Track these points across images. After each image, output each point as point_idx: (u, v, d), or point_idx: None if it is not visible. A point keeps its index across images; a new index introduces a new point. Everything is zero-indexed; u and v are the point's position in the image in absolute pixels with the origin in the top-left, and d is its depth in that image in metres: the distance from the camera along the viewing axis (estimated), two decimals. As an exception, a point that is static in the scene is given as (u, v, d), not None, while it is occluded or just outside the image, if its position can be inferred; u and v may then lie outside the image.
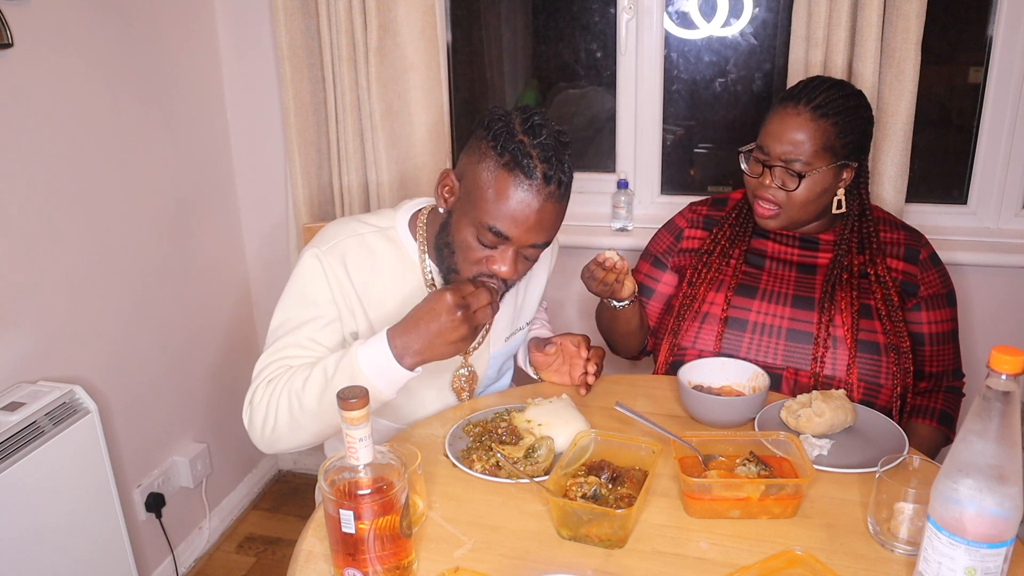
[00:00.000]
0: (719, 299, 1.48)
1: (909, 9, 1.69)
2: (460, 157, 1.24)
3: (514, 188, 1.14)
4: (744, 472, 1.07)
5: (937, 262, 1.51)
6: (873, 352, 1.41)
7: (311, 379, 1.16)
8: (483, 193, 1.15)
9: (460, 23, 2.23)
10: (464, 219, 1.19)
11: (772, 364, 1.42)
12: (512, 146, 1.13)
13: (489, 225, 1.16)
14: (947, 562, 0.83)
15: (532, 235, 1.17)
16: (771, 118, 1.44)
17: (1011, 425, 0.79)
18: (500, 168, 1.14)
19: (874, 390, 1.41)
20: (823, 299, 1.43)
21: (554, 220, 1.19)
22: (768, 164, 1.43)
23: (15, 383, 1.62)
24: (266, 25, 2.15)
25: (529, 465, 1.13)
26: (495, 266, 1.20)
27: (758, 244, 1.53)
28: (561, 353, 1.41)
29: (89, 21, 1.76)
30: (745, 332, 1.44)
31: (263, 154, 2.29)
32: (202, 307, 2.23)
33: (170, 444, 2.15)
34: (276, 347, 1.24)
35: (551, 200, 1.16)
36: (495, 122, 1.17)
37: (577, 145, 2.30)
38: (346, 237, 1.29)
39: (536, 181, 1.13)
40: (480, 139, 1.18)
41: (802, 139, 1.38)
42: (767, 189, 1.44)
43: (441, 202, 1.24)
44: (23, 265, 1.64)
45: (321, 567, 0.98)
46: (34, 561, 1.52)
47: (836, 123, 1.39)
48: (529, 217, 1.15)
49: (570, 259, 2.16)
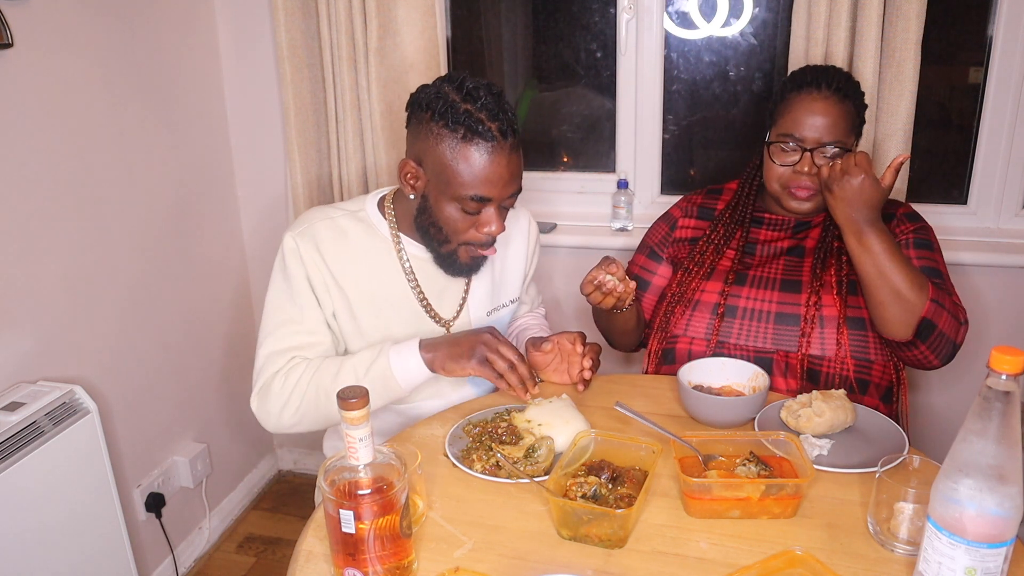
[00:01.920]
0: (712, 287, 1.49)
1: (909, 9, 1.69)
2: (409, 143, 1.31)
3: (480, 154, 1.22)
4: (744, 472, 1.07)
5: (915, 218, 1.51)
6: (860, 328, 1.42)
7: (341, 376, 1.28)
8: (453, 169, 1.24)
9: (460, 23, 2.23)
10: (442, 198, 1.27)
11: (763, 348, 1.44)
12: (461, 118, 1.21)
13: (470, 195, 1.25)
14: (947, 562, 0.83)
15: (508, 188, 1.28)
16: (794, 105, 1.45)
17: (1011, 425, 0.79)
18: (460, 142, 1.22)
19: (866, 367, 1.42)
20: (812, 280, 1.45)
21: (519, 166, 1.29)
22: (806, 148, 1.44)
23: (15, 383, 1.62)
24: (266, 25, 2.15)
25: (529, 465, 1.13)
26: (485, 228, 1.29)
27: (754, 232, 1.55)
28: (559, 352, 1.42)
29: (89, 21, 1.76)
30: (735, 318, 1.46)
31: (263, 154, 2.29)
32: (202, 307, 2.23)
33: (170, 444, 2.15)
34: (279, 336, 1.33)
35: (513, 151, 1.26)
36: (433, 102, 1.24)
37: (566, 145, 2.30)
38: (318, 220, 1.37)
39: (495, 140, 1.22)
40: (425, 122, 1.25)
41: (835, 120, 1.43)
42: (804, 176, 1.45)
43: (408, 189, 1.32)
44: (23, 265, 1.64)
45: (321, 567, 0.98)
46: (34, 561, 1.52)
47: (855, 103, 1.46)
48: (502, 175, 1.25)
49: (570, 259, 2.16)
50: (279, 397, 1.30)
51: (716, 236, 1.55)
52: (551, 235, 2.11)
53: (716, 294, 1.48)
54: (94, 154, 1.80)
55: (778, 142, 1.47)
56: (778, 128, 1.48)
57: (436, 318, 1.43)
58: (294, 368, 1.31)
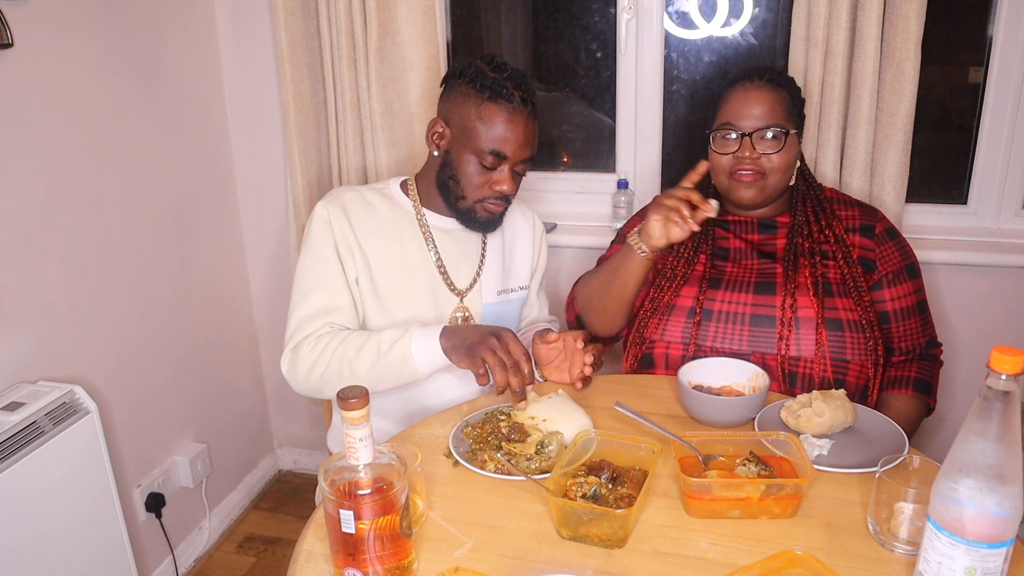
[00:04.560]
0: (687, 292, 1.50)
1: (909, 9, 1.69)
2: (440, 106, 1.47)
3: (501, 113, 1.37)
4: (744, 472, 1.07)
5: (895, 235, 1.52)
6: (836, 329, 1.42)
7: (364, 350, 1.35)
8: (476, 125, 1.39)
9: (460, 23, 2.23)
10: (464, 151, 1.41)
11: (738, 350, 1.44)
12: (489, 82, 1.37)
13: (489, 149, 1.39)
14: (947, 562, 0.83)
15: (523, 150, 1.41)
16: (731, 98, 1.50)
17: (1011, 425, 0.79)
18: (485, 102, 1.38)
19: (842, 367, 1.43)
20: (786, 281, 1.45)
21: (534, 135, 1.44)
22: (744, 134, 1.47)
23: (15, 383, 1.62)
24: (266, 25, 2.15)
25: (543, 461, 1.14)
26: (498, 186, 1.42)
27: (721, 236, 1.56)
28: (563, 348, 1.43)
29: (89, 21, 1.76)
30: (711, 322, 1.47)
31: (263, 154, 2.29)
32: (202, 306, 2.23)
33: (170, 444, 2.15)
34: (311, 300, 1.42)
35: (531, 118, 1.41)
36: (467, 69, 1.41)
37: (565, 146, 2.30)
38: (346, 192, 1.51)
39: (516, 104, 1.38)
40: (456, 87, 1.42)
41: (771, 106, 1.47)
42: (745, 160, 1.47)
43: (433, 147, 1.47)
44: (23, 265, 1.64)
45: (321, 567, 0.98)
46: (34, 561, 1.52)
47: (789, 92, 1.51)
48: (519, 135, 1.39)
49: (571, 259, 2.16)
50: (306, 361, 1.39)
51: (685, 249, 1.55)
52: (551, 235, 2.11)
53: (691, 299, 1.49)
54: (94, 154, 1.80)
55: (718, 130, 1.50)
56: (717, 120, 1.51)
57: (451, 286, 1.52)
58: (323, 336, 1.39)
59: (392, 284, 1.47)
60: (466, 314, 1.53)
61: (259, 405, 2.56)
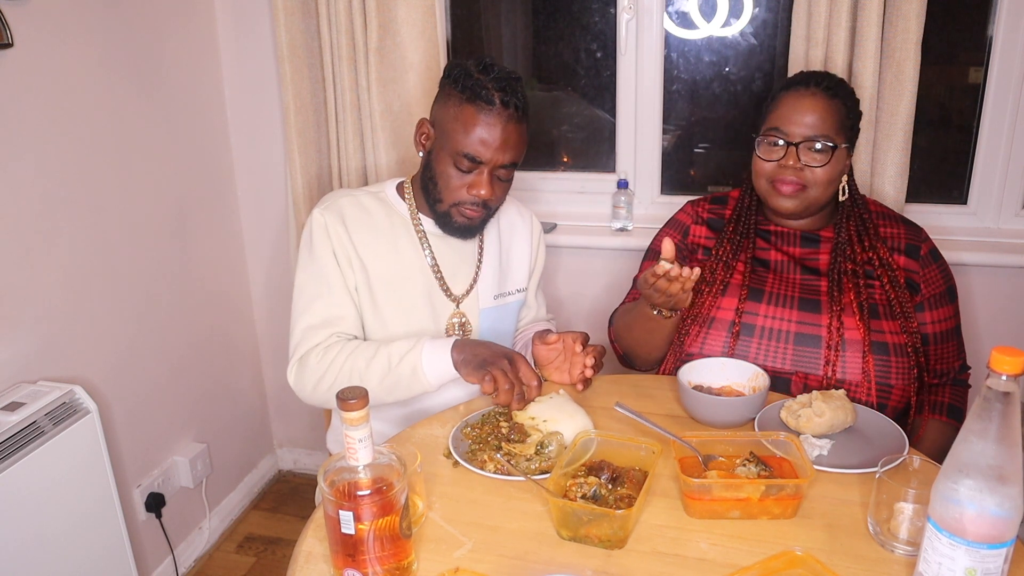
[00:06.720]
0: (727, 304, 1.46)
1: (909, 9, 1.69)
2: (432, 107, 1.43)
3: (478, 116, 1.33)
4: (744, 472, 1.07)
5: (937, 257, 1.50)
6: (882, 352, 1.39)
7: (375, 362, 1.35)
8: (454, 127, 1.35)
9: (460, 23, 2.23)
10: (442, 153, 1.39)
11: (781, 369, 1.41)
12: (470, 83, 1.34)
13: (464, 152, 1.35)
14: (947, 563, 0.83)
15: (500, 155, 1.36)
16: (782, 102, 1.45)
17: (1011, 425, 0.79)
18: (464, 103, 1.34)
19: (886, 391, 1.40)
20: (831, 301, 1.42)
21: (517, 140, 1.37)
22: (791, 143, 1.42)
23: (15, 383, 1.62)
24: (266, 25, 2.15)
25: (543, 461, 1.14)
26: (475, 191, 1.38)
27: (762, 246, 1.52)
28: (562, 349, 1.43)
29: (89, 21, 1.76)
30: (753, 337, 1.42)
31: (263, 154, 2.29)
32: (202, 306, 2.23)
33: (170, 444, 2.15)
34: (314, 310, 1.41)
35: (511, 122, 1.35)
36: (454, 69, 1.38)
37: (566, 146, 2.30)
38: (342, 197, 1.48)
39: (496, 107, 1.33)
40: (444, 87, 1.40)
41: (822, 116, 1.41)
42: (789, 170, 1.43)
43: (419, 147, 1.45)
44: (23, 265, 1.64)
45: (321, 567, 0.98)
46: (34, 561, 1.52)
47: (845, 103, 1.44)
48: (496, 139, 1.34)
49: (571, 259, 2.16)
50: (315, 372, 1.37)
51: (724, 252, 1.51)
52: (551, 235, 2.11)
53: (731, 311, 1.44)
54: (94, 154, 1.80)
55: (765, 136, 1.46)
56: (766, 124, 1.47)
57: (447, 292, 1.50)
58: (332, 347, 1.38)
59: (389, 291, 1.45)
60: (463, 320, 1.52)
61: (259, 405, 2.56)
